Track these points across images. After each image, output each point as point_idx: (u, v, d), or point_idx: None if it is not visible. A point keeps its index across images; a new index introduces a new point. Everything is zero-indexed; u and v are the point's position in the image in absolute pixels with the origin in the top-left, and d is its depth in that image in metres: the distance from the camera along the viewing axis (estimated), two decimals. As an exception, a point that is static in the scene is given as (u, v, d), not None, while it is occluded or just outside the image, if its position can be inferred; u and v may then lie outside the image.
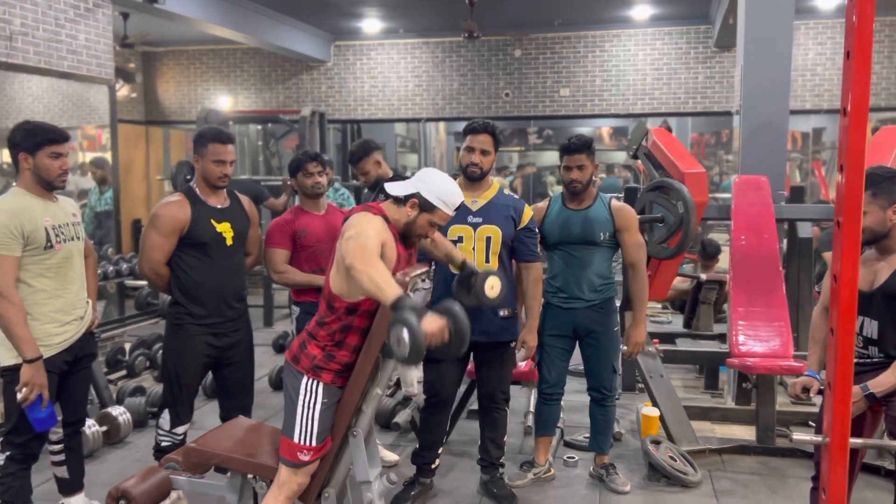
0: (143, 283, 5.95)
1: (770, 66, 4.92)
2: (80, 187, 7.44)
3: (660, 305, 7.76)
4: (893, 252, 2.62)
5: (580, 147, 3.52)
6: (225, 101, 10.50)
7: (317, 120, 8.75)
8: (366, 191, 4.51)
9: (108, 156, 6.95)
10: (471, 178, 3.44)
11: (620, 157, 11.69)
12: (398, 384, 4.94)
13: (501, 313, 3.43)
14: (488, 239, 3.37)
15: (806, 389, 2.74)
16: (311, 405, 2.55)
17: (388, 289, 2.28)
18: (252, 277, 8.67)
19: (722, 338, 5.65)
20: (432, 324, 2.27)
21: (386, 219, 2.59)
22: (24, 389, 2.73)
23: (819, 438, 2.17)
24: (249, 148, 11.16)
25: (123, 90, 10.17)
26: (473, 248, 3.37)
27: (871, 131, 5.40)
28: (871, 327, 2.61)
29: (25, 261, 2.81)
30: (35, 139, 2.87)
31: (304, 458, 2.54)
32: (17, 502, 2.92)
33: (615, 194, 4.36)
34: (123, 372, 5.25)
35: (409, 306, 2.24)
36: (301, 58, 10.02)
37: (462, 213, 3.38)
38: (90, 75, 5.77)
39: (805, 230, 5.11)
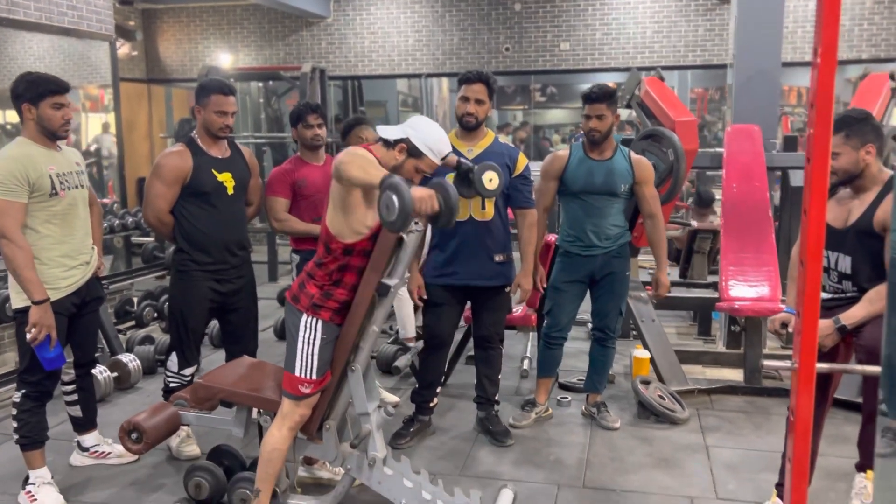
0: (149, 238, 6.07)
1: (763, 14, 4.93)
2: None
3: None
4: (866, 190, 2.72)
5: (601, 97, 3.56)
6: (226, 59, 10.50)
7: (317, 76, 8.75)
8: None
9: (110, 117, 7.01)
10: (466, 127, 3.52)
11: (623, 114, 11.68)
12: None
13: (496, 258, 3.54)
14: None
15: (784, 325, 2.86)
16: (311, 341, 2.68)
17: (377, 171, 2.45)
18: (257, 235, 8.79)
19: (716, 286, 5.76)
20: (421, 190, 2.42)
21: (377, 159, 2.68)
22: (32, 330, 2.87)
23: (787, 364, 2.30)
24: (251, 106, 11.18)
25: (124, 48, 10.18)
26: (469, 197, 3.46)
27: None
28: (845, 263, 2.72)
29: (32, 208, 2.92)
30: (38, 90, 2.96)
31: (305, 390, 2.68)
32: (34, 436, 3.07)
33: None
34: (132, 322, 5.40)
35: (399, 179, 2.37)
36: (301, 13, 9.99)
37: None
38: (90, 31, 5.81)
39: (798, 179, 5.18)
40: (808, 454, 2.19)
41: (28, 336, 2.88)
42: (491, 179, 3.00)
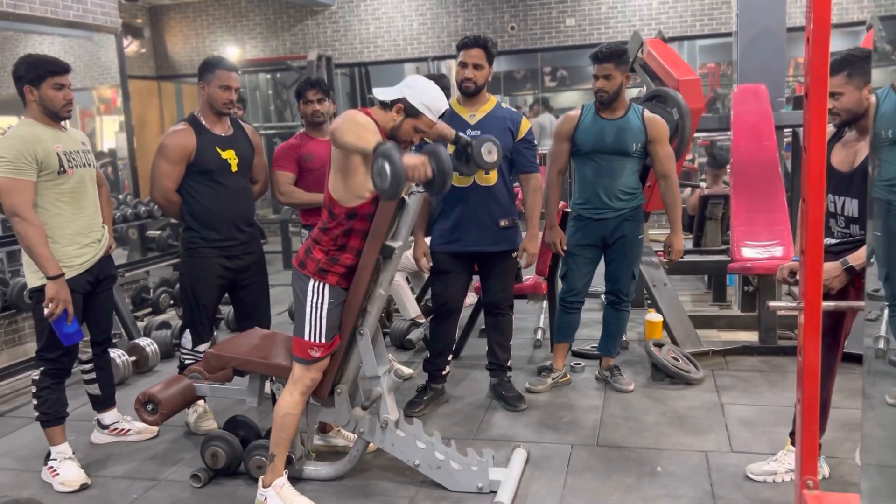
0: (161, 231, 6.14)
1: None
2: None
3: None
4: (868, 132, 2.68)
5: (608, 56, 3.52)
6: (233, 51, 10.56)
7: (324, 64, 8.81)
8: None
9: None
10: (466, 93, 3.51)
11: (632, 92, 11.58)
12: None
13: (502, 223, 3.54)
14: None
15: (793, 273, 2.84)
16: (319, 305, 2.71)
17: (371, 137, 2.48)
18: (271, 226, 8.86)
19: (729, 252, 5.72)
20: (413, 158, 2.45)
21: (375, 123, 2.70)
22: (49, 305, 2.92)
23: (793, 304, 2.29)
24: (261, 98, 11.24)
25: (133, 46, 10.27)
26: (469, 174, 3.46)
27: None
28: (852, 206, 2.68)
29: (41, 186, 2.97)
30: (38, 71, 3.00)
31: (315, 354, 2.71)
32: (54, 413, 3.13)
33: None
34: (149, 309, 5.47)
35: (391, 146, 2.39)
36: (305, 2, 10.01)
37: (460, 126, 3.47)
38: (96, 24, 5.86)
39: (808, 138, 5.12)
40: (817, 393, 2.18)
41: (45, 311, 2.93)
42: (490, 151, 3.00)
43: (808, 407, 2.19)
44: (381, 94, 2.73)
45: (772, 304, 2.31)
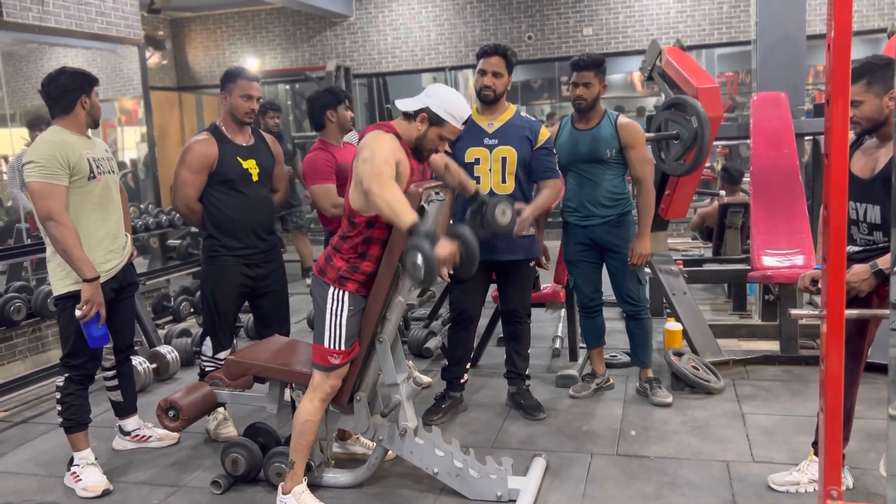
0: (180, 240, 6.21)
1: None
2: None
3: (690, 238, 7.78)
4: (892, 138, 2.66)
5: (589, 64, 3.57)
6: (253, 63, 10.67)
7: (342, 74, 8.88)
8: None
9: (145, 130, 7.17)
10: (485, 101, 3.53)
11: (651, 102, 11.57)
12: (431, 317, 5.13)
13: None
14: (504, 160, 3.47)
15: (815, 282, 2.81)
16: (339, 312, 2.73)
17: (404, 214, 2.48)
18: (288, 235, 8.91)
19: (749, 261, 5.68)
20: (444, 249, 2.48)
21: (398, 135, 2.72)
22: (84, 307, 2.95)
23: (815, 311, 2.27)
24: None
25: (154, 58, 10.41)
26: (490, 170, 3.48)
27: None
28: (874, 213, 2.66)
29: (72, 193, 3.02)
30: (88, 80, 3.13)
31: (335, 361, 2.72)
32: (77, 419, 3.17)
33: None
34: (170, 317, 5.53)
35: (424, 233, 2.43)
36: (324, 14, 10.10)
37: (478, 135, 3.49)
38: (119, 36, 5.96)
39: (829, 145, 5.08)
40: (840, 402, 2.16)
41: (78, 313, 2.96)
42: (504, 212, 2.98)
43: (831, 417, 2.17)
44: (403, 105, 2.75)
45: (794, 312, 2.30)
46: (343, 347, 2.72)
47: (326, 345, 2.72)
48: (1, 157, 6.67)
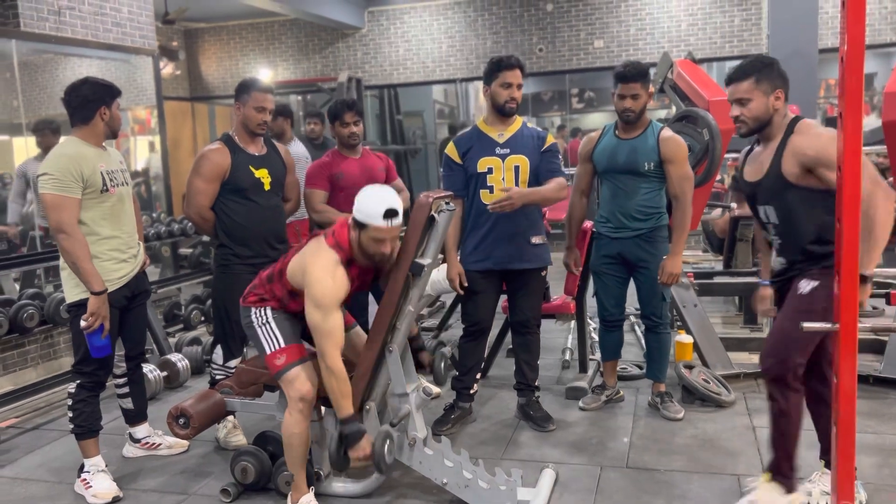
0: (192, 249, 6.25)
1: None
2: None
3: (700, 251, 7.75)
4: (773, 139, 2.65)
5: (635, 75, 3.47)
6: (265, 74, 10.75)
7: (354, 86, 8.93)
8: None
9: (157, 139, 7.24)
10: (509, 113, 3.52)
11: (661, 114, 11.58)
12: (440, 327, 5.13)
13: (532, 240, 3.55)
14: (517, 168, 3.48)
15: (765, 299, 2.93)
16: (266, 322, 2.85)
17: (344, 405, 2.70)
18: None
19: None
20: (358, 451, 2.72)
21: (340, 245, 2.73)
22: (89, 318, 2.98)
23: (828, 326, 2.25)
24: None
25: (168, 68, 10.51)
26: (503, 178, 3.48)
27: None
28: (772, 213, 2.68)
29: (85, 204, 3.05)
30: (110, 91, 3.17)
31: (281, 361, 2.79)
32: (88, 426, 3.18)
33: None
34: (180, 325, 5.55)
35: (352, 431, 2.70)
36: (336, 26, 10.18)
37: (489, 145, 3.51)
38: (134, 46, 6.03)
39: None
40: (853, 416, 2.15)
41: (83, 324, 2.99)
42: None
43: (843, 430, 2.16)
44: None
45: (806, 325, 2.29)
46: (283, 345, 2.79)
47: (268, 351, 2.82)
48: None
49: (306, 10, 9.15)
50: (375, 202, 2.66)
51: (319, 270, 2.67)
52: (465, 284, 3.58)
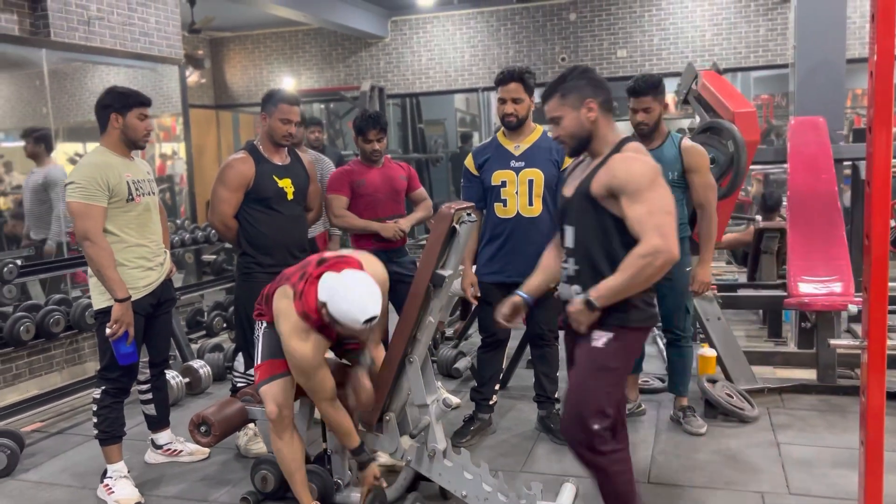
0: (216, 255, 6.30)
1: (826, 1, 4.79)
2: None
3: (724, 263, 7.67)
4: (600, 155, 2.38)
5: (646, 89, 3.46)
6: (289, 82, 10.84)
7: (376, 94, 8.96)
8: None
9: (181, 146, 7.32)
10: (509, 127, 3.53)
11: (683, 123, 11.51)
12: (460, 336, 5.13)
13: None
14: (531, 182, 3.47)
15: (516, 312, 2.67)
16: (259, 336, 2.88)
17: (348, 441, 2.78)
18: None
19: (785, 287, 5.58)
20: (368, 479, 2.80)
21: (308, 315, 2.58)
22: (113, 325, 3.02)
23: (856, 342, 2.22)
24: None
25: (193, 76, 10.63)
26: (517, 192, 3.47)
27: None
28: (569, 235, 2.43)
29: (111, 213, 3.09)
30: (127, 100, 3.16)
31: (256, 377, 2.82)
32: (112, 431, 3.22)
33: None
34: (203, 332, 5.59)
35: (362, 461, 2.79)
36: (360, 35, 10.24)
37: (505, 158, 3.50)
38: (161, 55, 6.11)
39: (868, 171, 5.00)
40: (881, 435, 2.11)
41: (107, 331, 3.03)
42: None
43: (872, 450, 2.12)
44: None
45: (833, 342, 2.27)
46: (259, 361, 2.82)
47: (254, 366, 2.88)
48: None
49: (330, 20, 9.21)
50: (357, 310, 2.47)
51: (294, 341, 2.56)
52: (478, 295, 3.57)
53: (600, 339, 2.33)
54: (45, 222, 5.34)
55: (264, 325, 2.85)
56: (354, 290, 2.51)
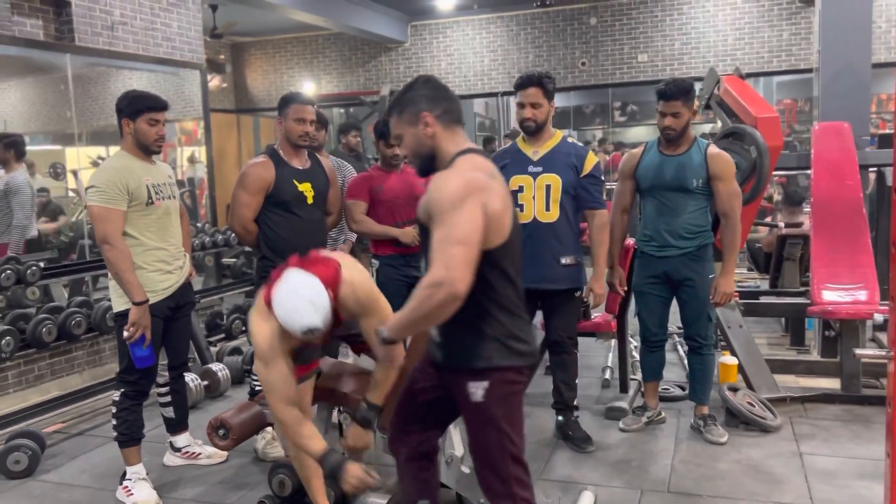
0: (235, 259, 6.34)
1: (850, 3, 4.72)
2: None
3: (745, 269, 7.59)
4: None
5: (676, 93, 3.43)
6: (309, 87, 10.91)
7: (395, 99, 8.99)
8: None
9: (202, 150, 7.38)
10: (527, 132, 3.51)
11: (705, 128, 11.43)
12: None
13: (563, 261, 3.49)
14: (548, 187, 3.45)
15: None
16: None
17: (310, 446, 2.41)
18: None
19: (808, 294, 5.51)
20: (350, 478, 2.33)
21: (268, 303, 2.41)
22: (130, 328, 3.04)
23: (882, 352, 2.17)
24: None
25: (215, 81, 10.73)
26: (533, 197, 3.45)
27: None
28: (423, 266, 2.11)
29: (131, 216, 3.12)
30: (136, 106, 3.17)
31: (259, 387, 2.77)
32: (131, 434, 3.24)
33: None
34: (222, 335, 5.62)
35: (332, 465, 2.36)
36: (379, 40, 10.28)
37: (523, 162, 3.49)
38: (183, 60, 6.17)
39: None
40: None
41: (125, 334, 3.05)
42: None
43: (898, 463, 2.08)
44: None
45: (858, 351, 2.21)
46: None
47: None
48: (70, 171, 6.90)
49: (351, 25, 9.26)
50: (292, 319, 2.27)
51: (256, 317, 2.46)
52: None
53: (477, 390, 2.07)
54: (4, 225, 5.16)
55: None
56: (294, 299, 2.27)
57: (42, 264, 4.57)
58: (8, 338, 4.13)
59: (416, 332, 2.04)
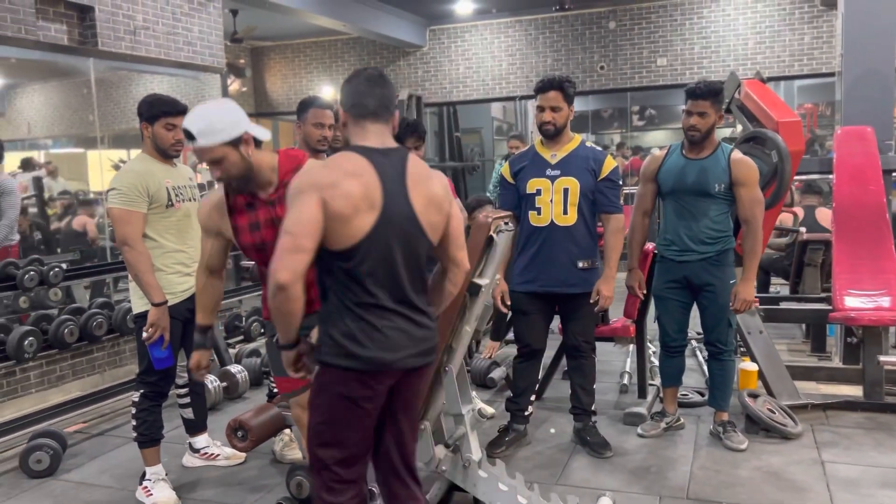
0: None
1: (873, 6, 4.68)
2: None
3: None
4: None
5: (705, 93, 3.41)
6: (327, 91, 10.96)
7: (414, 103, 9.00)
8: None
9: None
10: (546, 135, 3.51)
11: (724, 132, 11.35)
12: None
13: (580, 265, 3.47)
14: (566, 191, 3.44)
15: None
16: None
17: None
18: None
19: (829, 300, 5.44)
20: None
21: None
22: (149, 329, 3.06)
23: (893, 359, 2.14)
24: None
25: (235, 85, 10.81)
26: (551, 201, 3.44)
27: None
28: None
29: (151, 218, 3.15)
30: (153, 110, 3.20)
31: (276, 389, 2.78)
32: (150, 434, 3.27)
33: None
34: (241, 337, 5.66)
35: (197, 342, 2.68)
36: (398, 44, 10.32)
37: (541, 166, 3.49)
38: (204, 64, 6.23)
39: (919, 183, 4.86)
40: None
41: (144, 335, 3.08)
42: None
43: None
44: None
45: (882, 359, 2.19)
46: (274, 374, 2.83)
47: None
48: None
49: (369, 29, 9.30)
50: (187, 118, 2.33)
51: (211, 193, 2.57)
52: (508, 303, 3.54)
53: (315, 377, 2.09)
54: None
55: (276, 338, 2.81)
56: (200, 107, 2.35)
57: (64, 265, 4.63)
58: (31, 338, 4.19)
59: (286, 327, 1.99)
